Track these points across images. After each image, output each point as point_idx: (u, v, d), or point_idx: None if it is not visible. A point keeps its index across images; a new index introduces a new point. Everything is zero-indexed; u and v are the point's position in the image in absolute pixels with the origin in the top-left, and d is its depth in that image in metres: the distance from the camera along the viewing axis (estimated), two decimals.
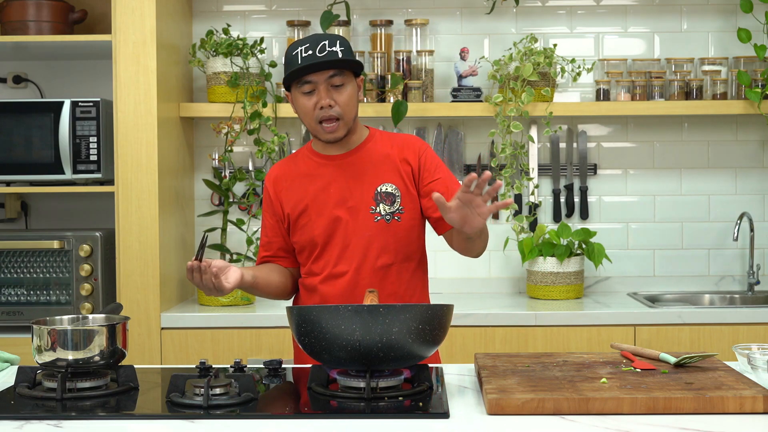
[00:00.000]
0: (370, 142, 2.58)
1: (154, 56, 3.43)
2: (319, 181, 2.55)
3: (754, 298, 3.88)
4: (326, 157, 2.57)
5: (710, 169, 3.98)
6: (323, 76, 2.44)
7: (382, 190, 2.52)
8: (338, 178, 2.54)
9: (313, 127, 2.50)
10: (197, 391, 1.94)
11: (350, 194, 2.52)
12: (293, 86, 2.49)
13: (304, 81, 2.45)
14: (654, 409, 1.87)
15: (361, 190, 2.52)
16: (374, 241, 2.51)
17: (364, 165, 2.54)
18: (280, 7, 3.99)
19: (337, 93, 2.46)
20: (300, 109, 2.50)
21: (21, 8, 3.59)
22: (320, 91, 2.44)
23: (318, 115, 2.46)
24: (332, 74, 2.44)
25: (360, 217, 2.51)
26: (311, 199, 2.54)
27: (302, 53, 2.43)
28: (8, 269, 3.51)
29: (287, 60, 2.48)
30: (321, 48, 2.42)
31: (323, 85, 2.44)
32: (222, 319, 3.45)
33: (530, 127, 3.93)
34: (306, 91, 2.45)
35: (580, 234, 3.76)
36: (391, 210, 2.52)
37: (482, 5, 3.94)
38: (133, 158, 3.44)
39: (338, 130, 2.48)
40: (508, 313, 3.44)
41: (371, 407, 1.91)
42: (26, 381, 2.09)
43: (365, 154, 2.56)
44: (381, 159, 2.55)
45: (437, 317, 2.01)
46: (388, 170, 2.54)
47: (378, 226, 2.51)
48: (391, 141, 2.60)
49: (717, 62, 3.87)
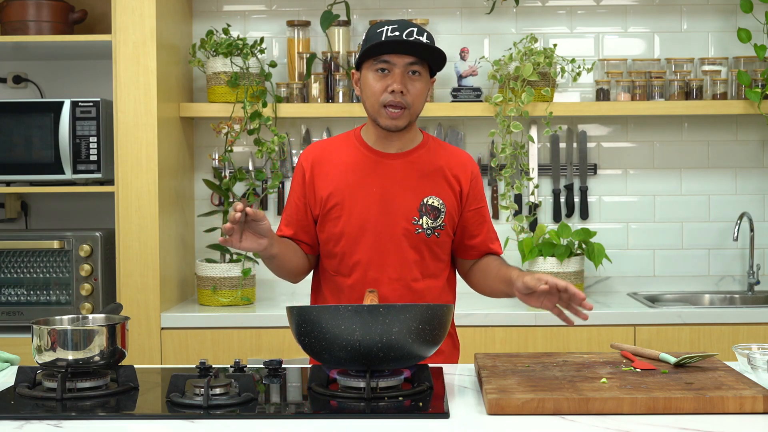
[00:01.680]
0: (424, 149, 2.46)
1: (154, 56, 3.43)
2: (362, 176, 2.42)
3: (754, 298, 3.88)
4: (376, 152, 2.43)
5: (710, 169, 3.99)
6: (403, 60, 2.31)
7: (428, 203, 2.41)
8: (384, 178, 2.41)
9: (375, 109, 2.35)
10: (197, 391, 1.94)
11: (393, 199, 2.40)
12: (367, 64, 2.35)
13: (382, 59, 2.31)
14: (654, 409, 1.87)
15: (407, 197, 2.40)
16: (411, 252, 2.41)
17: (414, 172, 2.42)
18: (280, 7, 3.99)
19: (411, 82, 2.33)
20: (367, 89, 2.36)
21: (21, 8, 3.59)
22: (395, 74, 2.31)
23: (386, 98, 2.33)
24: (413, 61, 2.32)
25: (400, 226, 2.40)
26: (350, 192, 2.41)
27: (388, 32, 2.30)
28: (8, 269, 3.51)
29: (368, 37, 2.35)
30: (409, 33, 2.30)
31: (400, 69, 2.32)
32: (222, 319, 3.45)
33: (530, 127, 3.93)
34: (380, 68, 2.32)
35: (580, 234, 3.76)
36: (434, 225, 2.42)
37: (482, 5, 3.94)
38: (133, 158, 3.44)
39: (401, 119, 2.35)
40: (508, 313, 3.44)
41: (371, 407, 1.91)
42: (26, 381, 2.09)
43: (417, 160, 2.44)
44: (433, 170, 2.44)
45: (437, 317, 2.01)
46: (438, 183, 2.43)
47: (418, 239, 2.41)
48: (445, 153, 2.48)
49: (717, 62, 3.87)
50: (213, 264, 3.64)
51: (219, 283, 3.61)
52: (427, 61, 2.36)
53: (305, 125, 3.97)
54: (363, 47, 2.37)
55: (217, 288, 3.61)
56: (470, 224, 2.50)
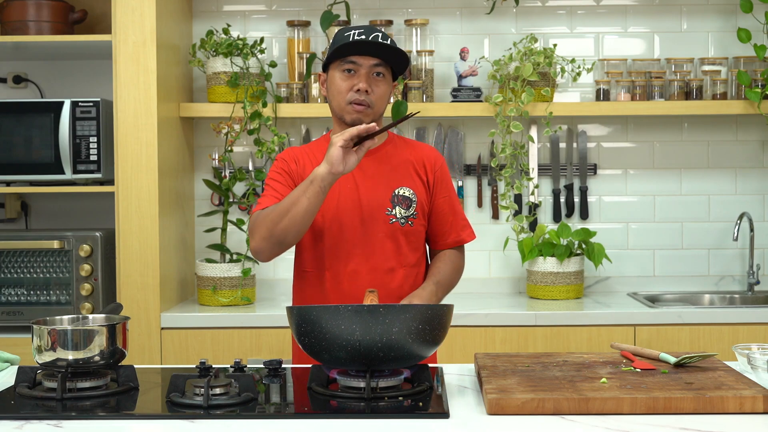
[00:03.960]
0: (390, 145, 2.60)
1: (154, 56, 3.43)
2: None
3: (754, 298, 3.88)
4: None
5: (710, 169, 3.98)
6: (368, 61, 2.45)
7: (400, 194, 2.53)
8: (356, 174, 2.52)
9: (341, 107, 2.49)
10: (197, 391, 1.94)
11: (367, 192, 2.52)
12: (334, 64, 2.49)
13: (349, 60, 2.45)
14: (654, 409, 1.87)
15: (379, 190, 2.53)
16: (387, 242, 2.51)
17: (383, 166, 2.55)
18: (280, 7, 3.99)
19: (375, 83, 2.47)
20: (333, 88, 2.49)
21: (21, 8, 3.59)
22: (361, 74, 2.45)
23: (351, 96, 2.46)
24: (377, 63, 2.46)
25: (375, 217, 2.51)
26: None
27: (354, 35, 2.45)
28: (8, 269, 3.51)
29: (336, 40, 2.49)
30: (374, 37, 2.45)
31: (365, 70, 2.46)
32: (222, 319, 3.45)
33: (530, 127, 3.93)
34: (347, 69, 2.46)
35: (580, 234, 3.76)
36: (407, 214, 2.54)
37: (482, 5, 3.94)
38: (133, 158, 3.44)
39: (365, 115, 2.47)
40: (508, 313, 3.44)
41: (371, 407, 1.91)
42: (26, 381, 2.09)
43: (385, 156, 2.57)
44: (400, 163, 2.57)
45: (437, 317, 2.01)
46: (407, 175, 2.56)
47: (392, 228, 2.52)
48: (409, 147, 2.62)
49: (717, 62, 3.87)
50: (213, 264, 3.64)
51: (219, 283, 3.61)
52: (390, 64, 2.50)
53: (305, 125, 3.97)
54: (330, 50, 2.49)
55: (217, 288, 3.61)
56: (442, 212, 2.62)
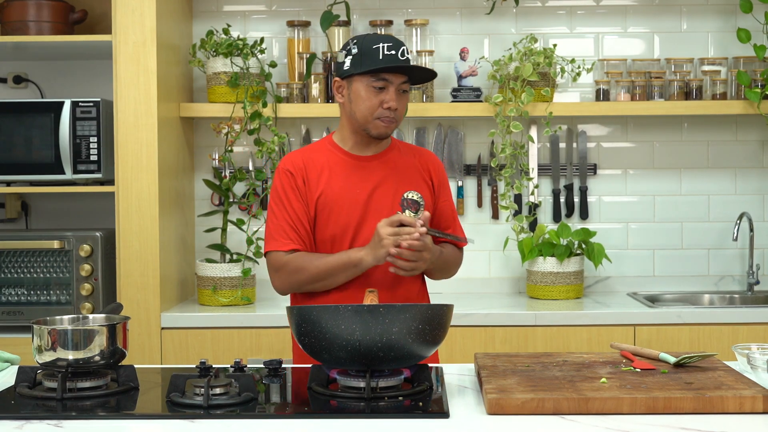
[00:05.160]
0: (395, 150, 2.63)
1: (154, 56, 3.43)
2: (344, 178, 2.55)
3: (753, 298, 3.88)
4: (354, 156, 2.58)
5: (710, 169, 3.99)
6: (398, 79, 2.49)
7: (409, 197, 2.53)
8: (365, 180, 2.55)
9: (368, 120, 2.51)
10: (197, 391, 1.94)
11: (376, 197, 2.54)
12: (362, 76, 2.49)
13: (380, 78, 2.48)
14: (654, 408, 1.87)
15: (388, 194, 2.55)
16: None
17: (391, 171, 2.58)
18: (280, 7, 3.99)
19: (401, 98, 2.52)
20: (361, 101, 2.50)
21: (21, 8, 3.59)
22: (391, 91, 2.48)
23: (381, 112, 2.49)
24: (405, 80, 2.51)
25: None
26: (335, 195, 2.53)
27: (385, 50, 2.47)
28: (8, 269, 3.51)
29: (364, 50, 2.48)
30: (402, 51, 2.49)
31: (395, 87, 2.49)
32: (222, 319, 3.45)
33: (530, 127, 3.93)
34: (378, 86, 2.48)
35: (580, 234, 3.76)
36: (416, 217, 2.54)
37: (482, 5, 3.94)
38: (133, 158, 3.45)
39: (389, 129, 2.53)
40: (508, 313, 3.44)
41: (371, 407, 1.91)
42: (26, 381, 2.09)
43: (391, 160, 2.60)
44: (407, 167, 2.61)
45: (437, 317, 2.01)
46: (414, 179, 2.61)
47: None
48: (412, 152, 2.67)
49: (717, 62, 3.87)
50: (213, 264, 3.64)
51: (219, 283, 3.61)
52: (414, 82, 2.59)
53: (305, 125, 3.97)
54: (357, 60, 2.49)
55: (217, 288, 3.61)
56: (444, 216, 2.68)
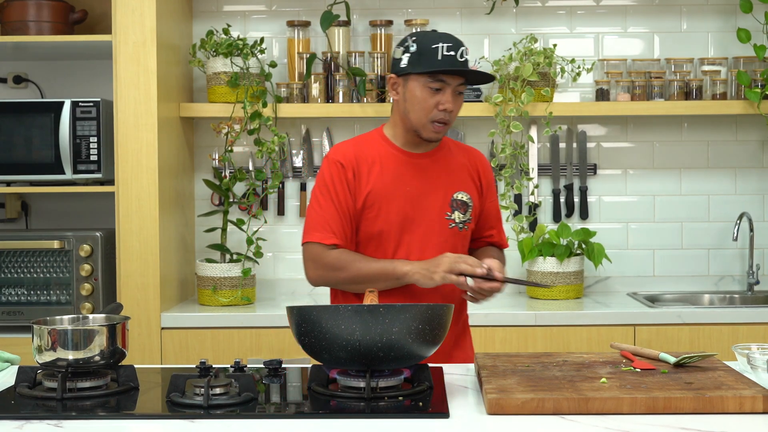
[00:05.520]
0: (446, 148, 2.59)
1: (154, 56, 3.43)
2: (397, 175, 2.50)
3: (753, 298, 3.88)
4: (406, 152, 2.53)
5: (710, 169, 3.99)
6: (456, 81, 2.45)
7: (458, 198, 2.54)
8: (416, 177, 2.51)
9: (422, 122, 2.46)
10: (197, 391, 1.94)
11: (427, 196, 2.51)
12: (419, 76, 2.44)
13: (439, 78, 2.43)
14: (654, 408, 1.87)
15: (439, 194, 2.52)
16: (446, 247, 2.50)
17: (443, 170, 2.55)
18: (280, 7, 3.99)
19: (456, 99, 2.48)
20: (416, 101, 2.45)
21: (21, 8, 3.59)
22: (448, 93, 2.44)
23: (436, 115, 2.45)
24: (461, 82, 2.46)
25: (435, 221, 2.51)
26: (386, 191, 2.48)
27: (444, 50, 2.41)
28: (8, 269, 3.51)
29: (422, 49, 2.43)
30: (461, 53, 2.44)
31: (452, 89, 2.45)
32: (222, 319, 3.45)
33: (530, 127, 3.93)
34: (435, 87, 2.43)
35: (580, 234, 3.76)
36: (464, 219, 2.55)
37: (482, 5, 3.94)
38: (133, 158, 3.45)
39: (442, 132, 2.50)
40: (508, 313, 3.44)
41: (371, 407, 1.91)
42: (26, 381, 2.09)
43: (442, 159, 2.56)
44: (458, 167, 2.58)
45: (437, 317, 2.01)
46: (464, 179, 2.57)
47: (451, 233, 2.52)
48: (462, 151, 2.63)
49: (717, 62, 3.87)
50: (213, 264, 3.64)
51: (219, 283, 3.61)
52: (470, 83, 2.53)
53: (305, 125, 3.97)
54: (415, 59, 2.44)
55: (217, 288, 3.61)
56: (490, 216, 2.66)
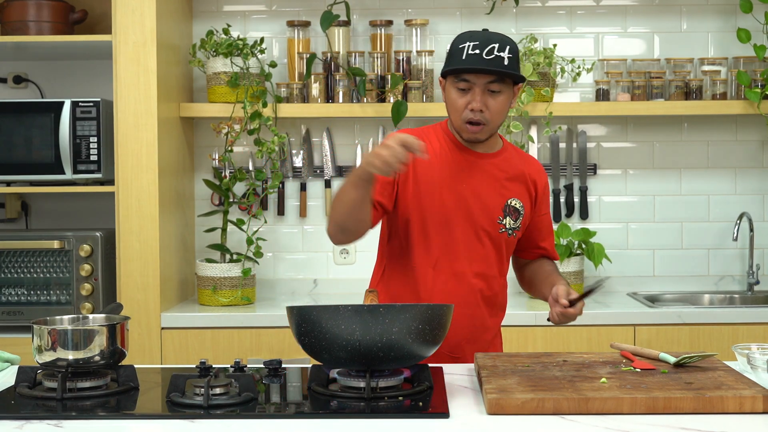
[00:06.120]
0: (506, 153, 2.57)
1: (154, 56, 3.43)
2: (457, 170, 2.49)
3: (753, 298, 3.88)
4: (467, 150, 2.52)
5: (710, 169, 3.99)
6: (483, 79, 2.39)
7: (512, 204, 2.52)
8: (474, 177, 2.50)
9: (458, 123, 2.45)
10: (197, 391, 1.94)
11: (482, 196, 2.50)
12: (449, 77, 2.45)
13: (462, 78, 2.41)
14: (654, 408, 1.87)
15: (494, 197, 2.51)
16: (494, 250, 2.51)
17: (500, 173, 2.53)
18: (280, 7, 3.99)
19: (491, 99, 2.41)
20: (450, 102, 2.46)
21: (21, 8, 3.59)
22: (475, 92, 2.40)
23: (466, 115, 2.42)
24: (492, 80, 2.40)
25: (488, 224, 2.50)
26: (444, 183, 2.47)
27: (468, 49, 2.38)
28: (8, 269, 3.51)
29: (452, 50, 2.43)
30: (489, 50, 2.37)
31: (480, 88, 2.40)
32: (222, 319, 3.45)
33: (530, 127, 3.93)
34: (461, 87, 2.41)
35: (580, 234, 3.76)
36: (514, 226, 2.54)
37: (482, 5, 3.94)
38: (133, 158, 3.45)
39: (480, 134, 2.45)
40: (508, 313, 3.42)
41: (371, 407, 1.91)
42: (26, 381, 2.09)
43: (501, 163, 2.54)
44: (516, 174, 2.55)
45: (437, 317, 2.01)
46: (519, 187, 2.55)
47: (501, 237, 2.52)
48: (522, 159, 2.60)
49: (716, 62, 3.87)
50: (213, 264, 3.64)
51: (219, 283, 3.61)
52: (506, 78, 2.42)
53: (305, 125, 3.97)
54: (447, 60, 2.45)
55: (217, 288, 3.61)
56: (542, 228, 2.65)
